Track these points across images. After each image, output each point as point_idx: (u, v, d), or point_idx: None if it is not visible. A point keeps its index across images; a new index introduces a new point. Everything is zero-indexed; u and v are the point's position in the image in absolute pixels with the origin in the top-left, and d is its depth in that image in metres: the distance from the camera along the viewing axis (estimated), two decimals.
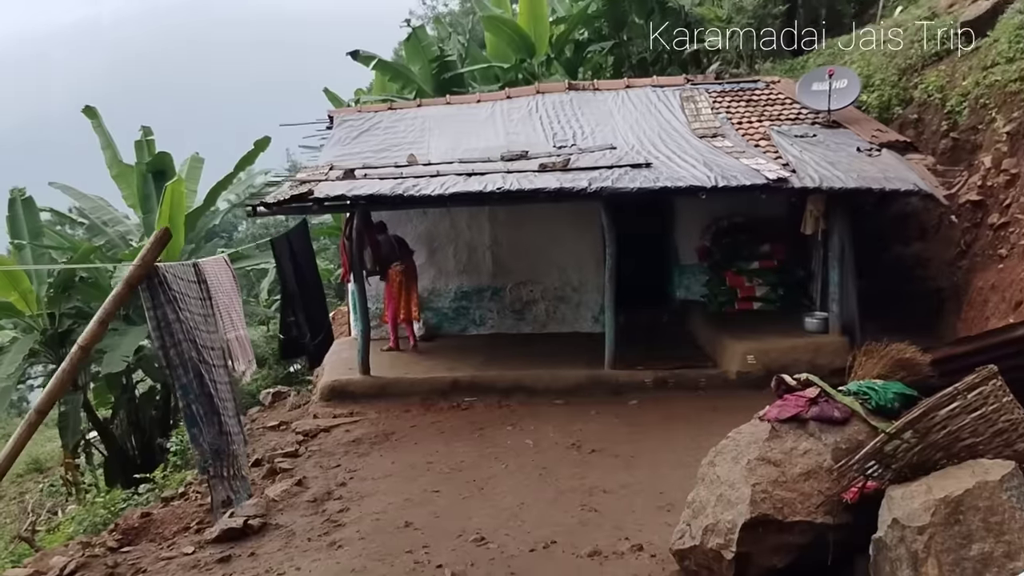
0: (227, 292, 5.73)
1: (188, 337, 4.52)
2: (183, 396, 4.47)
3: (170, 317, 4.41)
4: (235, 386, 5.40)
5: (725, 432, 7.88)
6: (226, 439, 4.66)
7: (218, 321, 5.36)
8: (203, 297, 5.10)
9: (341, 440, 8.10)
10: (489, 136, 11.70)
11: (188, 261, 5.12)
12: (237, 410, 5.34)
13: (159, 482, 10.46)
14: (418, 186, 9.00)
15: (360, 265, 9.45)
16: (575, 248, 11.48)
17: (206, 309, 5.10)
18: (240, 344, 5.88)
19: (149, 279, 4.35)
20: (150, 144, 17.18)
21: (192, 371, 4.49)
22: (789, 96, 12.17)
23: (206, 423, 4.51)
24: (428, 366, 9.97)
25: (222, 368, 5.10)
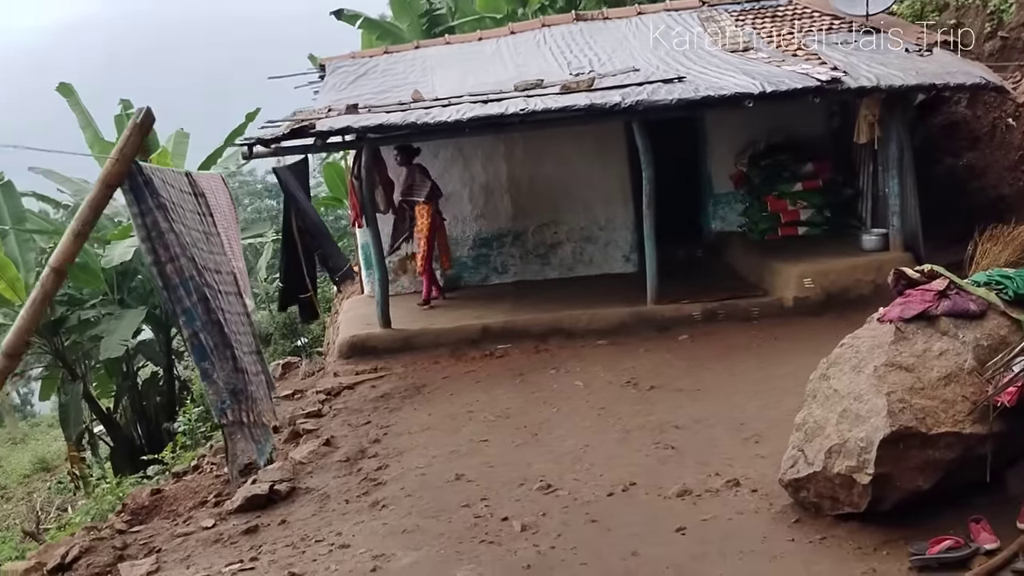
0: (224, 215, 4.87)
1: (187, 253, 3.66)
2: (187, 324, 3.62)
3: (162, 226, 3.55)
4: (252, 321, 4.55)
5: (792, 360, 7.12)
6: (243, 377, 3.82)
7: (223, 243, 4.49)
8: (202, 212, 4.24)
9: (368, 396, 7.27)
10: (498, 70, 10.78)
11: (180, 169, 4.24)
12: (257, 347, 4.50)
13: (169, 462, 9.74)
14: (431, 114, 8.10)
15: (372, 207, 8.56)
16: (600, 182, 10.59)
17: (206, 226, 4.24)
18: (241, 276, 5.02)
19: (132, 178, 3.49)
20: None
21: (196, 293, 3.64)
22: (817, 9, 11.25)
23: (218, 356, 3.68)
24: (453, 316, 9.12)
25: (233, 296, 4.25)
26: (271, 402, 4.44)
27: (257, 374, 4.20)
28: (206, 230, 4.16)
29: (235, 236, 5.02)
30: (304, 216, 7.43)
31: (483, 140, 10.51)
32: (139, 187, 3.51)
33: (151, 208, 3.53)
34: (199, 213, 4.16)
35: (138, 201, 3.50)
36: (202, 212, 4.20)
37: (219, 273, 4.09)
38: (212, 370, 3.63)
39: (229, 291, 4.18)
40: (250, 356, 4.17)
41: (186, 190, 4.12)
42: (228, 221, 4.85)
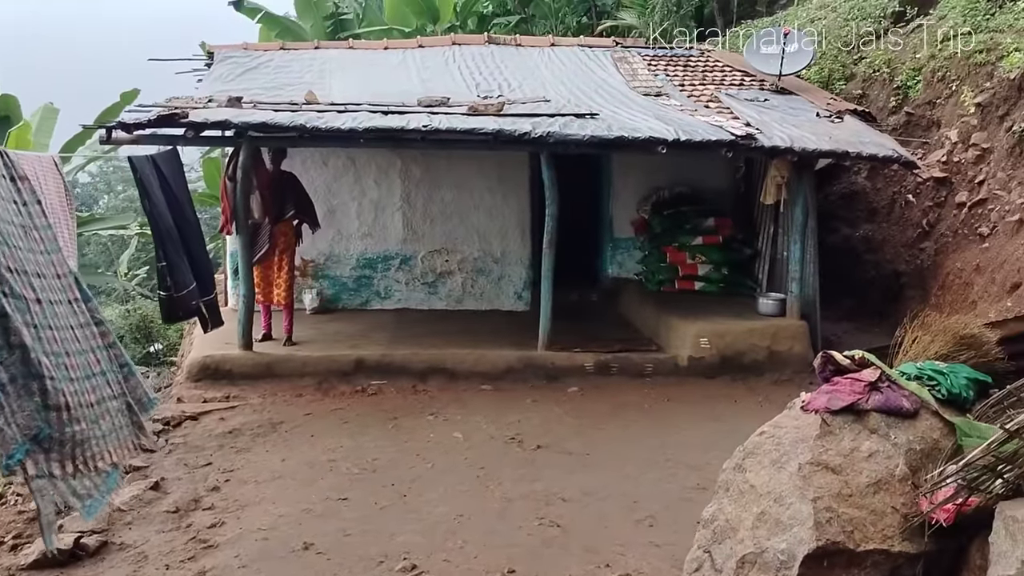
0: (52, 208, 3.95)
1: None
2: None
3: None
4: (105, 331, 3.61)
5: (687, 426, 6.69)
6: (55, 417, 2.93)
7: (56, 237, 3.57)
8: (20, 200, 3.32)
9: (214, 431, 6.33)
10: (402, 82, 10.08)
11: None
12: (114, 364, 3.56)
13: None
14: (324, 119, 7.32)
15: (245, 213, 7.64)
16: (499, 213, 10.01)
17: (27, 218, 3.33)
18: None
19: None
20: None
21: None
22: (728, 64, 11.15)
23: (13, 394, 2.79)
24: (325, 343, 8.26)
25: (64, 306, 3.33)
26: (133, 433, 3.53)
27: (97, 403, 3.29)
28: (25, 223, 3.25)
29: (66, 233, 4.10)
30: (158, 216, 6.43)
31: (378, 153, 9.78)
32: None
33: None
34: (15, 202, 3.26)
35: None
36: (22, 200, 3.30)
37: (41, 277, 3.18)
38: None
39: (57, 300, 3.27)
40: (85, 383, 3.27)
41: (2, 173, 3.22)
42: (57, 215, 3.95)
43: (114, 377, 3.65)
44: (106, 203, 33.38)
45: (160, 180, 6.50)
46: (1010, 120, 8.22)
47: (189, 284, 6.71)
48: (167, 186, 6.55)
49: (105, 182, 35.38)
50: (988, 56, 8.85)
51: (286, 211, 8.03)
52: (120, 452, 3.51)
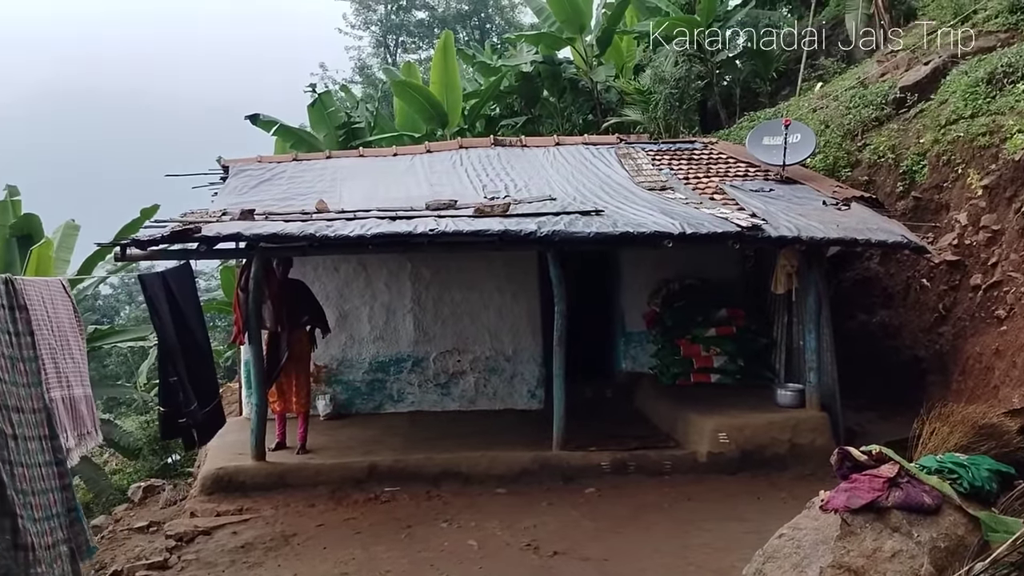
0: (61, 330, 3.97)
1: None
2: None
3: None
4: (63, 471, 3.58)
5: (709, 527, 6.49)
6: (23, 557, 2.86)
7: (40, 369, 3.59)
8: (14, 331, 3.36)
9: (226, 545, 6.21)
10: (410, 186, 10.30)
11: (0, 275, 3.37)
12: (70, 505, 3.52)
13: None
14: (333, 227, 7.44)
15: (258, 323, 7.69)
16: (509, 311, 10.04)
17: (17, 349, 3.35)
18: (67, 408, 4.07)
19: None
20: (15, 205, 15.09)
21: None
22: (732, 155, 11.33)
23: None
24: (338, 450, 8.17)
25: (35, 442, 3.32)
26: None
27: (53, 546, 3.23)
28: (14, 355, 3.28)
29: (75, 352, 4.10)
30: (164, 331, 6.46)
31: (388, 257, 9.90)
32: None
33: None
34: (10, 332, 3.29)
35: None
36: (14, 331, 3.33)
37: (20, 412, 3.18)
38: None
39: (31, 435, 3.25)
40: (47, 523, 3.22)
41: (1, 302, 3.26)
42: (66, 338, 3.97)
43: (64, 521, 3.60)
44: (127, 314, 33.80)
45: (168, 297, 6.56)
46: (1018, 202, 8.21)
47: (190, 406, 6.66)
48: (175, 303, 6.60)
49: (127, 293, 35.94)
50: (992, 139, 8.91)
51: (299, 319, 8.09)
52: None
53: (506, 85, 19.36)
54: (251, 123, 17.92)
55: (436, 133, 17.86)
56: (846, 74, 13.92)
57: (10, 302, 3.38)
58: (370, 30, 34.95)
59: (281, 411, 8.26)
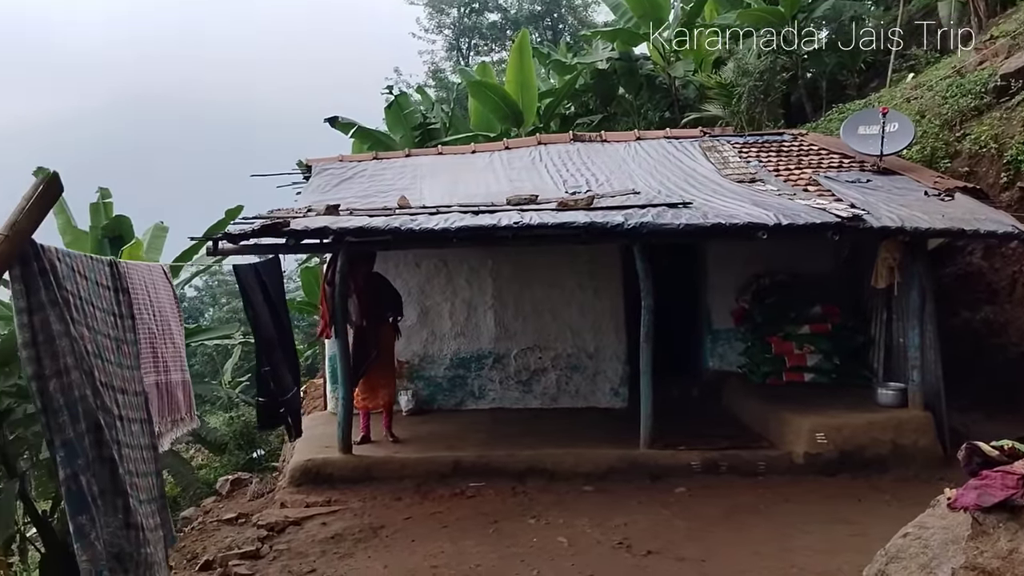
0: (163, 315, 3.99)
1: (84, 366, 2.78)
2: (66, 462, 2.67)
3: (54, 328, 2.68)
4: (158, 456, 3.59)
5: (810, 529, 6.18)
6: (135, 536, 2.85)
7: (139, 353, 3.60)
8: (118, 313, 3.36)
9: (316, 536, 6.21)
10: (490, 182, 10.24)
11: (104, 257, 3.38)
12: (160, 490, 3.53)
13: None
14: (417, 221, 7.41)
15: (343, 317, 7.72)
16: (591, 308, 9.86)
17: (121, 331, 3.36)
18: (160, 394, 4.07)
19: (25, 262, 2.65)
20: (107, 207, 15.54)
21: (85, 421, 2.74)
22: (823, 147, 10.93)
23: (104, 508, 2.73)
24: (422, 444, 8.14)
25: (137, 425, 3.32)
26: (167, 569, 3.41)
27: (155, 528, 3.22)
28: (119, 336, 3.28)
29: (174, 337, 4.12)
30: (258, 321, 6.52)
31: (469, 253, 9.85)
32: (32, 276, 2.67)
33: (43, 304, 2.68)
34: (115, 314, 3.30)
35: (28, 293, 2.65)
36: (119, 313, 3.34)
37: (124, 394, 3.18)
38: (90, 527, 2.67)
39: (133, 417, 3.25)
40: (149, 505, 3.21)
41: (104, 283, 3.26)
42: (167, 322, 3.99)
43: (159, 505, 3.60)
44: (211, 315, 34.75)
45: (262, 288, 6.63)
46: None
47: (290, 390, 6.73)
48: (267, 294, 6.66)
49: (211, 296, 36.96)
50: None
51: (383, 313, 8.13)
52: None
53: (581, 83, 19.21)
54: (330, 125, 18.19)
55: (511, 133, 17.81)
56: (940, 63, 13.32)
57: (114, 284, 3.39)
58: (443, 33, 35.21)
59: (368, 407, 8.29)
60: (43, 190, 2.60)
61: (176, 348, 4.24)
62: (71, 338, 2.75)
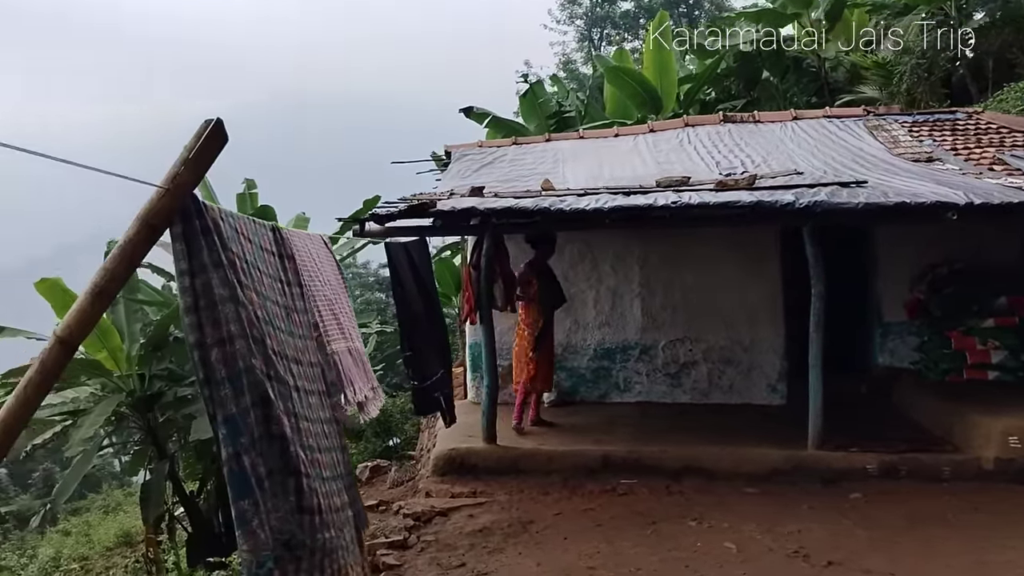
0: (329, 284, 3.78)
1: (250, 333, 2.55)
2: (228, 439, 2.41)
3: (217, 293, 2.46)
4: (341, 431, 3.36)
5: (1011, 543, 5.48)
6: (308, 521, 2.59)
7: (314, 322, 3.38)
8: (285, 280, 3.15)
9: (464, 528, 5.97)
10: (636, 165, 9.79)
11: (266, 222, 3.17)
12: (347, 467, 3.28)
13: (236, 568, 8.68)
14: (566, 201, 7.06)
15: (488, 302, 7.46)
16: (747, 297, 9.23)
17: (290, 299, 3.14)
18: (355, 360, 3.88)
19: (186, 218, 2.44)
20: (252, 197, 16.04)
21: (250, 394, 2.50)
22: (1004, 125, 9.87)
23: (269, 492, 2.48)
24: (568, 437, 7.80)
25: (315, 397, 3.08)
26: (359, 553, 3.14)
27: (341, 509, 2.97)
28: (288, 304, 3.06)
29: (343, 306, 3.91)
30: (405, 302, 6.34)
31: (614, 238, 9.42)
32: (194, 235, 2.46)
33: (205, 266, 2.47)
34: (282, 281, 3.08)
35: (189, 254, 2.44)
36: (286, 280, 3.12)
37: (298, 364, 2.96)
38: (253, 513, 2.41)
39: (311, 389, 3.02)
40: (333, 483, 2.96)
41: (268, 248, 3.06)
42: (334, 291, 3.78)
43: (346, 483, 3.33)
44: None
45: (411, 268, 6.45)
46: None
47: (435, 373, 6.52)
48: (417, 274, 6.48)
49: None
50: None
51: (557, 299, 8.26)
52: (355, 570, 3.14)
53: (723, 68, 18.44)
54: (464, 116, 18.19)
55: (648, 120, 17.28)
56: None
57: (279, 250, 3.19)
58: (574, 24, 34.89)
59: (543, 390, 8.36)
60: (207, 139, 2.38)
61: (350, 320, 4.04)
62: (236, 304, 2.52)
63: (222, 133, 2.42)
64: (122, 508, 22.25)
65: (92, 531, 19.36)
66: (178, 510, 14.63)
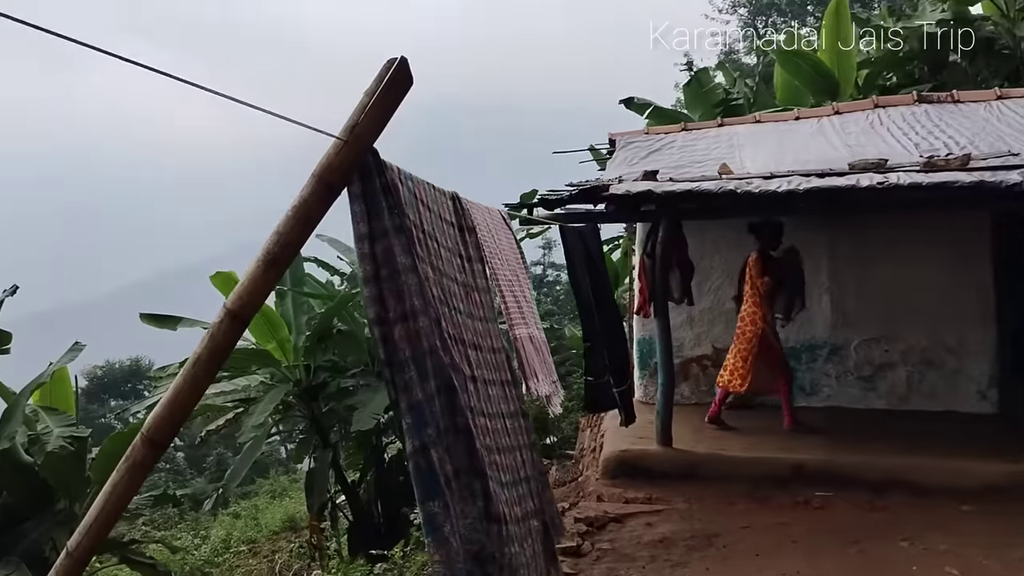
0: (508, 263, 3.41)
1: (432, 313, 2.22)
2: (413, 430, 2.06)
3: (400, 262, 2.12)
4: (528, 427, 2.96)
5: None
6: (496, 531, 2.22)
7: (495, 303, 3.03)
8: (465, 255, 2.80)
9: (642, 537, 5.49)
10: (823, 148, 8.95)
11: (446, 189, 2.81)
12: (535, 469, 2.88)
13: (398, 562, 8.61)
14: (753, 184, 6.43)
15: (664, 294, 6.94)
16: (952, 293, 8.22)
17: (470, 276, 2.79)
18: (536, 348, 3.51)
19: (365, 175, 2.12)
20: None
21: (435, 379, 2.16)
22: None
23: (457, 493, 2.12)
24: (751, 442, 7.15)
25: (496, 388, 2.71)
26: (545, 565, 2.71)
27: (523, 519, 2.57)
28: (467, 281, 2.70)
29: (523, 289, 3.54)
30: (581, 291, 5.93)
31: (798, 227, 8.62)
32: (374, 194, 2.14)
33: (387, 230, 2.15)
34: (461, 256, 2.73)
35: (369, 216, 2.12)
36: (465, 256, 2.77)
37: (477, 350, 2.60)
38: (444, 518, 2.07)
39: (490, 379, 2.65)
40: (514, 489, 2.57)
41: (448, 219, 2.71)
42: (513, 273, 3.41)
43: (535, 487, 2.90)
44: None
45: (586, 255, 6.03)
46: None
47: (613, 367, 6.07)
48: (592, 262, 6.06)
49: None
50: None
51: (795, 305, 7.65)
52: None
53: (905, 51, 16.97)
54: (624, 107, 17.69)
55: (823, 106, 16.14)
56: None
57: (459, 221, 2.85)
58: (737, 13, 33.49)
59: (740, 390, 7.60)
60: (390, 81, 2.04)
61: (530, 303, 3.67)
62: (419, 275, 2.20)
63: (407, 74, 2.08)
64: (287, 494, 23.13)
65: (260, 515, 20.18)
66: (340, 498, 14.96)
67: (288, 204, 2.12)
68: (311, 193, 2.11)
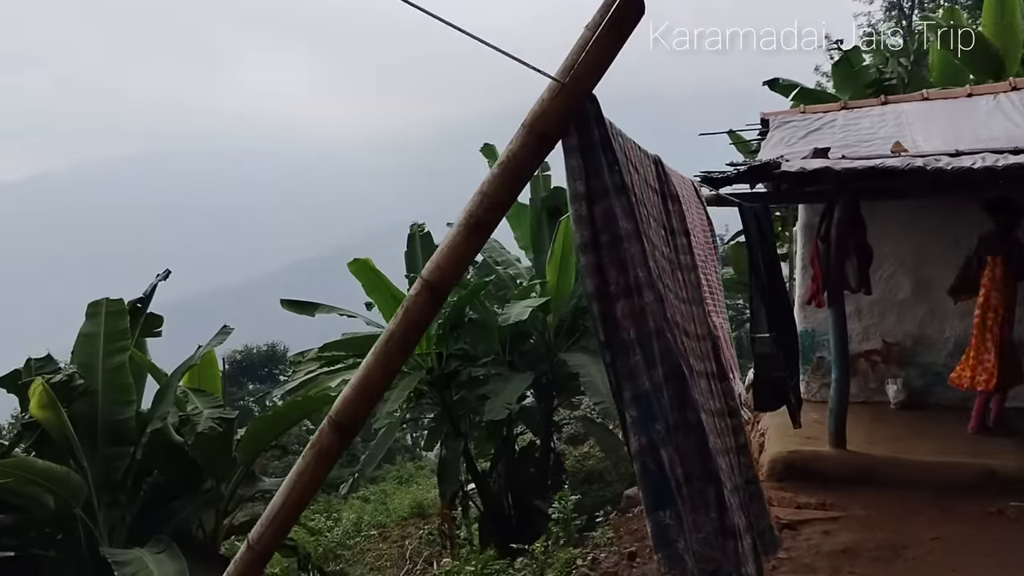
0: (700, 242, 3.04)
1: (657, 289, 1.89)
2: (640, 424, 1.70)
3: (622, 227, 1.79)
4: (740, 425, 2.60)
5: None
6: (732, 547, 1.87)
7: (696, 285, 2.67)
8: (668, 227, 2.44)
9: (821, 547, 5.01)
10: (1006, 126, 8.11)
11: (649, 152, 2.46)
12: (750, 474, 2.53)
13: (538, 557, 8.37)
14: (944, 161, 5.78)
15: (840, 282, 6.36)
16: None
17: (674, 251, 2.43)
18: (727, 341, 3.16)
19: (583, 126, 1.80)
20: (545, 180, 15.90)
21: (663, 366, 1.82)
22: None
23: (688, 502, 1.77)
24: (934, 445, 6.49)
25: (705, 380, 2.35)
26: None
27: (745, 532, 2.21)
28: (672, 258, 2.34)
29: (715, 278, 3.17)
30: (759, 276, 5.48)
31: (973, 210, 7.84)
32: (592, 148, 1.82)
33: (607, 190, 1.83)
34: (665, 228, 2.38)
35: (587, 173, 1.81)
36: (669, 228, 2.41)
37: (688, 337, 2.24)
38: (677, 531, 1.70)
39: (701, 370, 2.29)
40: (733, 496, 2.22)
41: (652, 185, 2.38)
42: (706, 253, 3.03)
43: (744, 496, 2.51)
44: None
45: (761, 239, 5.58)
46: None
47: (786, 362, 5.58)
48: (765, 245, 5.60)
49: None
50: None
51: None
52: None
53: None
54: (769, 88, 16.93)
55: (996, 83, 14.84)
56: None
57: (662, 189, 2.51)
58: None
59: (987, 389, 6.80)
60: (616, 12, 1.72)
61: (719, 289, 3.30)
62: (642, 244, 1.88)
63: (637, 2, 1.75)
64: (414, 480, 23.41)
65: (388, 500, 20.49)
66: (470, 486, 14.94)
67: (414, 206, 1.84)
68: (521, 146, 1.81)
